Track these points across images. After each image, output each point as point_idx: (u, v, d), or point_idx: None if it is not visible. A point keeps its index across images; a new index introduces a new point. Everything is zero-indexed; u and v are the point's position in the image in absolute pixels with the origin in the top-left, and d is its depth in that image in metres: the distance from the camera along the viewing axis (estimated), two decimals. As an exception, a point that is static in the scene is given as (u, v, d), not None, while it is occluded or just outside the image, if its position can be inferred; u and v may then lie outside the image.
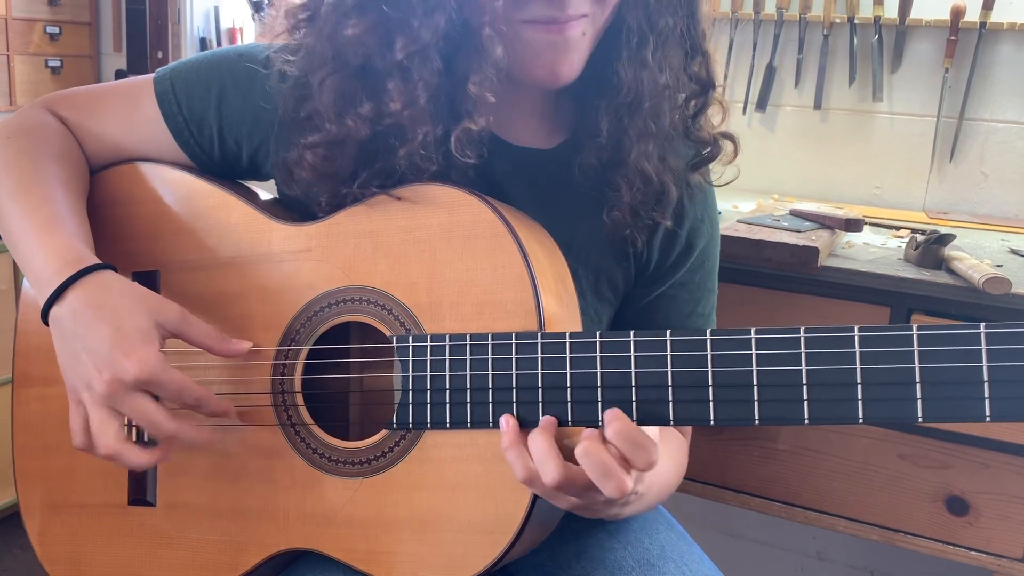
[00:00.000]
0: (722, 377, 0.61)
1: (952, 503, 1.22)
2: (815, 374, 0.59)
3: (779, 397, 0.60)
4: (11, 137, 0.85)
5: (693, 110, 0.84)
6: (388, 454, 0.74)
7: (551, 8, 0.71)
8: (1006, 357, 0.55)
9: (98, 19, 2.53)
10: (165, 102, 0.86)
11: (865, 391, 0.58)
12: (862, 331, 0.58)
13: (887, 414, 0.58)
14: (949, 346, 0.56)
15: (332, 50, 0.75)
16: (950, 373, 0.56)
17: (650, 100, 0.78)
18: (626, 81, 0.77)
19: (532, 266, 0.71)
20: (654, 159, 0.80)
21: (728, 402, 0.61)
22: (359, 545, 0.75)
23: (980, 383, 0.55)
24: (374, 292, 0.76)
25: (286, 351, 0.80)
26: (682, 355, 0.62)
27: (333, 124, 0.75)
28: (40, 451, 0.91)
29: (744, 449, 1.32)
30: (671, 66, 0.79)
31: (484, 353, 0.69)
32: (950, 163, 1.69)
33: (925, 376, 0.57)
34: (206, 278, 0.84)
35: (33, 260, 0.77)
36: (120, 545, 0.87)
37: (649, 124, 0.79)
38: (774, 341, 0.60)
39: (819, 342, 0.59)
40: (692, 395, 0.62)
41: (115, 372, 0.71)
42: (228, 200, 0.84)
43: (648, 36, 0.77)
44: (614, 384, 0.64)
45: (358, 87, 0.75)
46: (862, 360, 0.58)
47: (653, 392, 0.63)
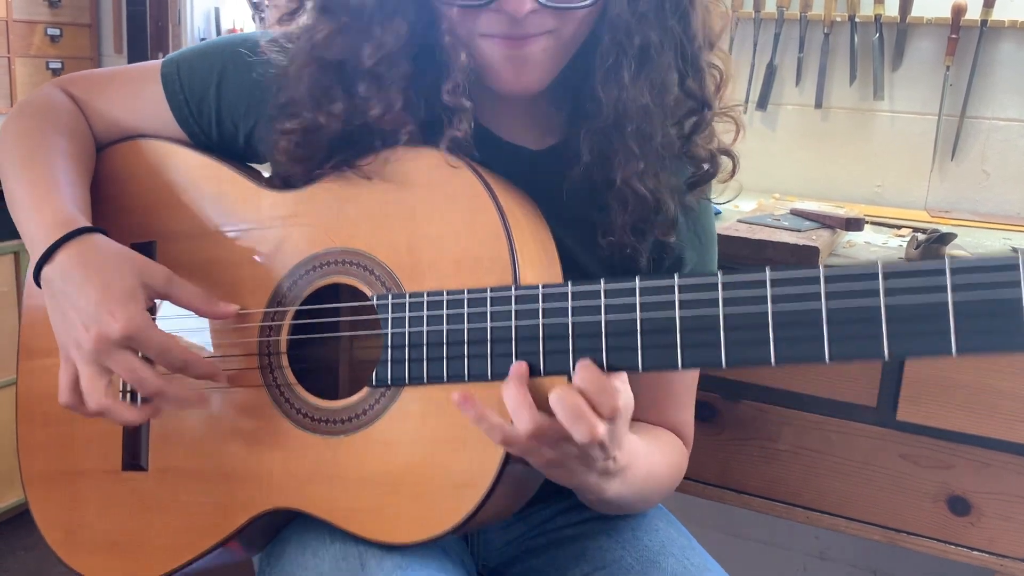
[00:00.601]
0: (689, 321, 0.62)
1: (954, 503, 1.21)
2: (780, 315, 0.59)
3: (745, 339, 0.60)
4: (24, 112, 0.91)
5: (688, 129, 0.80)
6: (369, 412, 0.76)
7: (504, 25, 0.71)
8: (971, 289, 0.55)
9: (99, 21, 2.53)
10: (169, 82, 0.90)
11: (830, 329, 0.58)
12: (827, 270, 0.59)
13: (853, 351, 0.58)
14: (914, 280, 0.56)
15: (310, 45, 0.77)
16: (915, 309, 0.56)
17: (633, 122, 0.76)
18: (605, 103, 0.76)
19: (508, 223, 0.72)
20: (649, 178, 0.78)
21: (695, 346, 0.62)
22: (340, 503, 0.76)
23: (945, 316, 0.55)
24: (357, 254, 0.78)
25: (273, 313, 0.81)
26: (650, 301, 0.63)
27: (309, 113, 0.78)
28: (41, 421, 0.94)
29: (745, 449, 1.32)
30: (657, 85, 0.76)
31: (460, 308, 0.70)
32: (951, 161, 1.69)
33: (891, 313, 0.57)
34: (198, 246, 0.87)
35: (29, 224, 0.80)
36: (114, 510, 0.89)
37: (633, 146, 0.77)
38: (739, 284, 0.61)
39: (785, 283, 0.59)
40: (660, 340, 0.63)
41: (101, 328, 0.72)
42: (220, 171, 0.87)
43: (626, 55, 0.74)
44: (585, 333, 0.65)
45: (333, 82, 0.76)
46: (827, 299, 0.58)
47: (622, 339, 0.64)
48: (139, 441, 0.89)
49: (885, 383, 1.22)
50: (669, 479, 0.87)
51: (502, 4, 0.70)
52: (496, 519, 0.77)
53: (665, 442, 0.88)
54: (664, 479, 0.86)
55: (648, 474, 0.80)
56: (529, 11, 0.70)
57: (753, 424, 1.30)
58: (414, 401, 0.74)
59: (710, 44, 0.80)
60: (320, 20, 0.76)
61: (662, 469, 0.84)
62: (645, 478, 0.79)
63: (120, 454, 0.89)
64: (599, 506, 0.83)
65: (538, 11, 0.70)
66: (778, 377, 1.28)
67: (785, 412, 1.29)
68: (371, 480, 0.75)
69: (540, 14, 0.71)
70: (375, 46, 0.73)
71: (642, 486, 0.79)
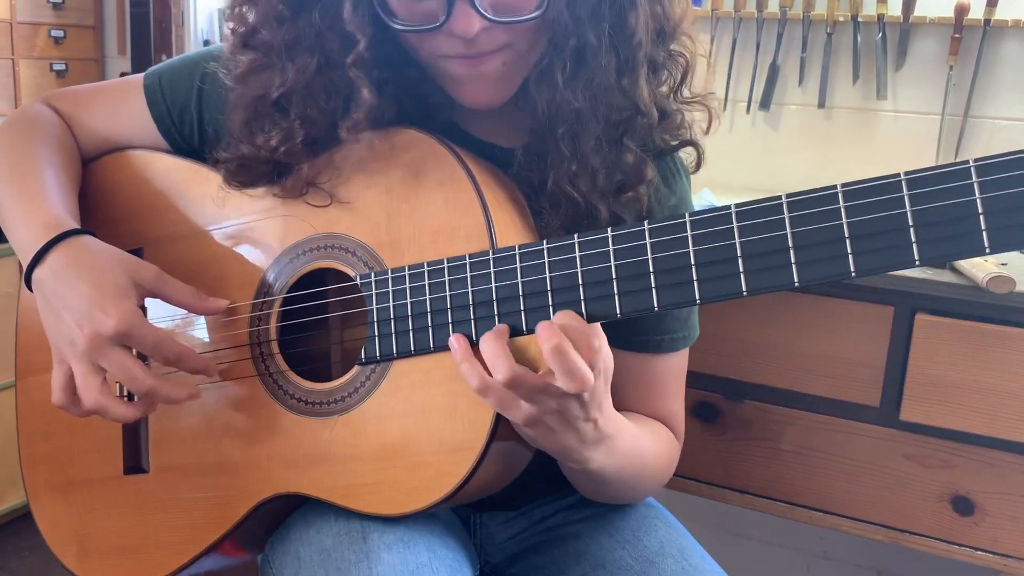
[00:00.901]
0: (661, 263, 0.64)
1: (958, 503, 1.21)
2: (748, 245, 0.61)
3: (716, 274, 0.62)
4: (11, 125, 0.93)
5: (620, 131, 0.77)
6: (360, 389, 0.77)
7: (460, 45, 0.72)
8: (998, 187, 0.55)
9: (102, 22, 2.54)
10: (151, 93, 0.92)
11: (797, 254, 0.59)
12: (789, 197, 0.60)
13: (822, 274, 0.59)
14: (873, 197, 0.58)
15: (234, 77, 0.80)
16: (876, 224, 0.57)
17: (566, 124, 0.75)
18: (538, 104, 0.76)
19: (481, 190, 0.73)
20: (582, 181, 0.76)
21: (668, 287, 0.64)
22: (340, 481, 0.77)
23: (906, 229, 0.56)
24: (338, 238, 0.79)
25: (261, 304, 0.83)
26: (623, 247, 0.65)
27: (243, 145, 0.80)
28: (42, 435, 0.95)
29: (747, 449, 1.32)
30: (593, 87, 0.74)
31: (440, 277, 0.72)
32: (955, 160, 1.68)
33: (853, 231, 0.58)
34: (184, 247, 0.88)
35: (19, 230, 0.81)
36: (119, 514, 0.89)
37: (564, 149, 0.75)
38: (706, 220, 0.62)
39: (749, 214, 0.61)
40: (635, 285, 0.65)
41: (94, 326, 0.73)
42: (200, 172, 0.89)
43: (559, 56, 0.73)
44: (562, 286, 0.67)
45: (254, 114, 0.79)
46: (791, 224, 0.60)
47: (599, 288, 0.66)
48: (139, 444, 0.89)
49: (888, 383, 1.22)
50: (659, 467, 0.87)
51: (452, 27, 0.71)
52: (490, 488, 0.78)
53: (654, 430, 0.88)
54: (654, 465, 0.86)
55: (636, 452, 0.80)
56: (479, 29, 0.71)
57: (756, 424, 1.30)
58: (404, 375, 0.75)
59: (667, 35, 0.78)
60: (240, 54, 0.79)
61: (651, 451, 0.84)
62: (632, 455, 0.79)
63: (121, 459, 0.90)
64: (586, 484, 0.83)
65: (489, 28, 0.71)
66: (781, 377, 1.28)
67: (788, 412, 1.29)
68: (368, 455, 0.76)
69: (492, 31, 0.72)
70: (281, 80, 0.76)
71: (628, 463, 0.79)
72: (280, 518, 0.85)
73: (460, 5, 0.70)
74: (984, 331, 1.15)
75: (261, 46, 0.77)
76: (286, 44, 0.75)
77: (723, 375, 1.31)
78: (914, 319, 1.18)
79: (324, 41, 0.74)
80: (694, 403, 1.32)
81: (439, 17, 0.71)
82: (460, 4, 0.70)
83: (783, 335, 1.27)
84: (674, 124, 0.81)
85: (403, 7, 0.73)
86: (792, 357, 1.27)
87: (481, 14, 0.70)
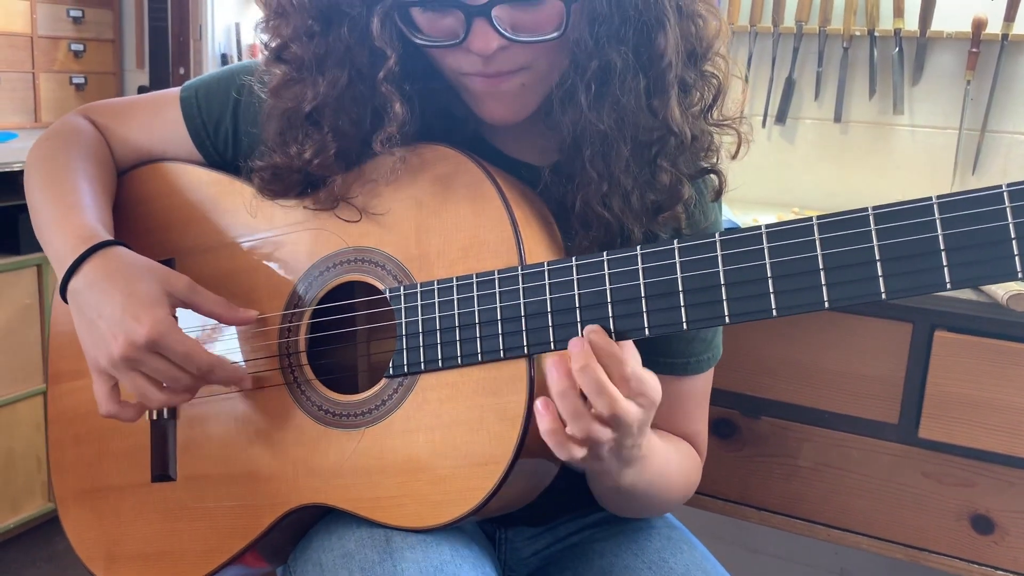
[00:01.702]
0: (691, 282, 0.64)
1: (977, 521, 1.20)
2: (778, 266, 0.61)
3: (746, 294, 0.62)
4: (49, 137, 0.94)
5: (653, 152, 0.76)
6: (388, 402, 0.77)
7: (478, 63, 0.73)
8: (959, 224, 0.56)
9: (121, 36, 2.56)
10: (187, 105, 0.93)
11: (828, 275, 0.60)
12: (820, 219, 0.60)
13: (852, 295, 0.60)
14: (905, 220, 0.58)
15: (267, 90, 0.81)
16: (908, 247, 0.58)
17: (593, 146, 0.74)
18: (564, 126, 0.75)
19: (511, 206, 0.74)
20: (614, 201, 0.76)
21: (698, 305, 0.64)
22: (365, 493, 0.77)
23: (937, 253, 0.57)
24: (369, 251, 0.80)
25: (290, 315, 0.83)
26: (652, 266, 0.66)
27: (276, 155, 0.81)
28: (71, 442, 0.96)
29: (765, 465, 1.31)
30: (619, 109, 0.73)
31: (469, 292, 0.73)
32: (973, 176, 1.67)
33: (884, 253, 0.58)
34: (215, 259, 0.89)
35: (54, 241, 0.83)
36: (146, 521, 0.90)
37: (591, 170, 0.75)
38: (737, 240, 0.63)
39: (780, 235, 0.61)
40: (664, 303, 0.65)
41: (128, 335, 0.74)
42: (232, 184, 0.90)
43: (582, 79, 0.73)
44: (591, 303, 0.68)
45: (288, 126, 0.80)
46: (822, 246, 0.60)
47: (627, 306, 0.66)
48: (167, 452, 0.90)
49: (907, 400, 1.21)
50: (684, 484, 0.87)
51: (470, 44, 0.71)
52: (516, 503, 0.78)
53: (680, 447, 0.89)
54: (679, 483, 0.86)
55: (662, 471, 0.80)
56: (497, 48, 0.71)
57: (773, 441, 1.30)
58: (431, 388, 0.75)
59: (698, 56, 0.77)
60: (273, 67, 0.80)
61: (677, 469, 0.84)
62: (662, 473, 0.80)
63: (148, 467, 0.91)
64: (613, 499, 0.84)
65: (508, 47, 0.72)
66: (799, 393, 1.28)
67: (806, 429, 1.28)
68: (393, 468, 0.76)
69: (510, 50, 0.72)
70: (313, 94, 0.77)
71: (658, 480, 0.80)
72: (305, 529, 0.85)
73: (479, 23, 0.70)
74: (1004, 349, 1.14)
75: (293, 60, 0.78)
76: (317, 58, 0.76)
77: (740, 391, 1.31)
78: (933, 336, 1.18)
79: (354, 56, 0.75)
80: (711, 419, 1.32)
81: (459, 34, 0.71)
82: (479, 22, 0.70)
83: (800, 351, 1.26)
84: (701, 147, 0.80)
85: (427, 22, 0.74)
86: (809, 373, 1.27)
87: (500, 32, 0.70)
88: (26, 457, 1.98)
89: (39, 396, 1.99)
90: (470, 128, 0.84)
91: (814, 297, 0.60)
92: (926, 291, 0.58)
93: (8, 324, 1.92)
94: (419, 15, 0.73)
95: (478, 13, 0.69)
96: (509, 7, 0.70)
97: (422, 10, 0.72)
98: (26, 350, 1.96)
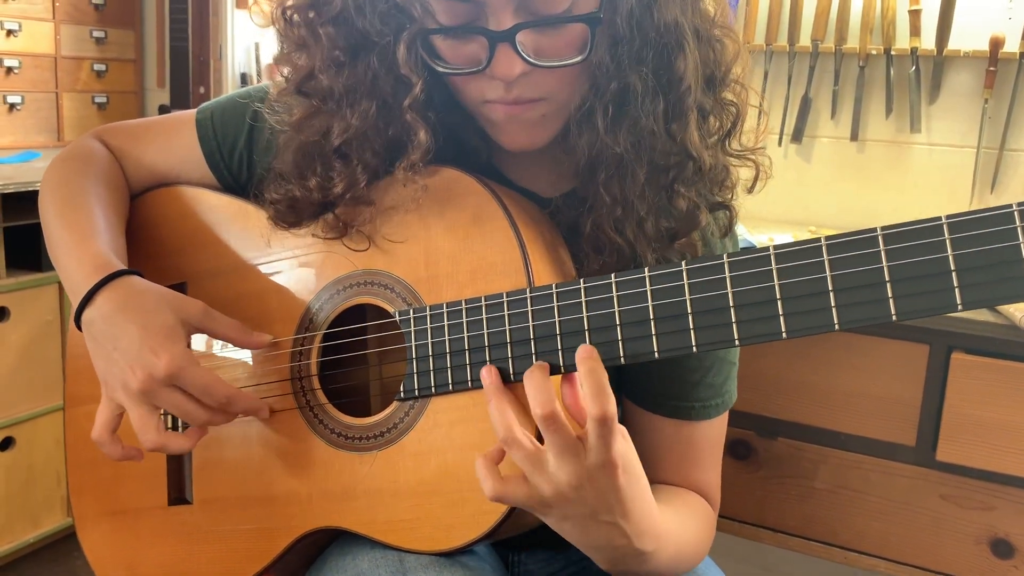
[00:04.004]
0: (700, 304, 0.64)
1: (997, 545, 1.19)
2: (787, 288, 0.61)
3: (755, 316, 0.62)
4: (65, 160, 0.94)
5: (671, 177, 0.75)
6: (399, 425, 0.77)
7: (500, 90, 0.73)
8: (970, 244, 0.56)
9: (143, 56, 2.60)
10: (202, 128, 0.93)
11: (837, 297, 0.59)
12: (828, 240, 0.60)
13: (861, 316, 0.59)
14: (914, 241, 0.57)
15: (289, 123, 0.80)
16: (918, 268, 0.57)
17: (608, 170, 0.74)
18: (579, 149, 0.74)
19: (518, 227, 0.74)
20: (628, 227, 0.75)
21: (707, 328, 0.63)
22: (378, 516, 0.78)
23: (948, 273, 0.56)
24: (377, 274, 0.80)
25: (302, 338, 0.84)
26: (661, 287, 0.65)
27: (294, 187, 0.80)
28: (89, 464, 0.96)
29: (781, 487, 1.30)
30: (636, 133, 0.72)
31: (479, 315, 0.73)
32: (991, 194, 1.67)
33: (895, 275, 0.58)
34: (226, 283, 0.90)
35: (69, 268, 0.83)
36: (163, 545, 0.91)
37: (605, 194, 0.74)
38: (745, 262, 0.62)
39: (788, 256, 0.61)
40: (673, 325, 0.65)
41: (147, 369, 0.74)
42: (243, 208, 0.90)
43: (600, 101, 0.72)
44: (600, 326, 0.67)
45: (309, 159, 0.79)
46: (831, 267, 0.60)
47: (636, 328, 0.66)
48: (183, 475, 0.91)
49: (924, 422, 1.20)
50: (700, 551, 0.85)
51: (493, 70, 0.71)
52: (529, 526, 0.77)
53: (694, 509, 0.85)
54: (696, 551, 0.83)
55: (677, 552, 0.77)
56: (520, 73, 0.71)
57: (790, 462, 1.29)
58: (442, 411, 0.75)
59: (716, 82, 0.76)
60: (296, 101, 0.79)
61: (694, 539, 0.81)
62: (677, 555, 0.76)
63: (165, 490, 0.91)
64: None
65: (530, 73, 0.71)
66: (815, 414, 1.27)
67: (822, 450, 1.27)
68: (406, 491, 0.76)
69: (532, 76, 0.72)
70: (343, 127, 0.76)
71: (674, 564, 0.77)
72: (319, 551, 0.85)
73: (502, 48, 0.70)
74: (1022, 371, 1.13)
75: (317, 92, 0.77)
76: (346, 89, 0.76)
77: (756, 412, 1.30)
78: (950, 358, 1.17)
79: (380, 85, 0.75)
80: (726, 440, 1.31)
81: (482, 60, 0.71)
82: (502, 47, 0.70)
83: (816, 372, 1.26)
84: (718, 178, 0.78)
85: (449, 50, 0.73)
86: (826, 394, 1.26)
87: (523, 58, 0.70)
88: (46, 473, 2.00)
89: (59, 412, 2.01)
90: (483, 158, 0.84)
91: (824, 319, 0.60)
92: (937, 312, 0.57)
93: (30, 340, 1.94)
94: (441, 42, 0.74)
95: (502, 39, 0.69)
96: (533, 32, 0.70)
97: (444, 37, 0.73)
98: (47, 366, 1.98)
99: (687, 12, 0.73)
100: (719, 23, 0.76)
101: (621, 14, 0.71)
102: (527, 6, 0.69)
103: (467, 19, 0.71)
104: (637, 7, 0.71)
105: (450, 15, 0.71)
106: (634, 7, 0.71)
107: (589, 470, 0.64)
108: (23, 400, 1.94)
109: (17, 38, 2.26)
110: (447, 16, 0.71)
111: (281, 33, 0.79)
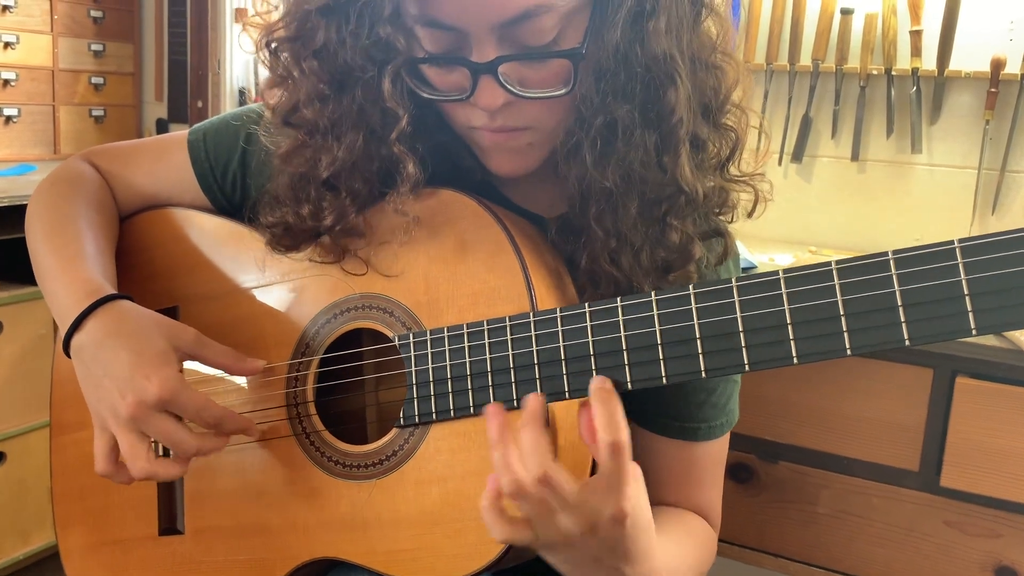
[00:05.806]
0: (708, 328, 0.62)
1: (1002, 573, 1.17)
2: (798, 312, 0.60)
3: (765, 340, 0.61)
4: (53, 184, 0.93)
5: (663, 210, 0.74)
6: (399, 452, 0.76)
7: (485, 118, 0.72)
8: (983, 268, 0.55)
9: (141, 70, 2.59)
10: (194, 149, 0.92)
11: (848, 322, 0.58)
12: (839, 264, 0.59)
13: (874, 341, 0.58)
14: (927, 265, 0.56)
15: (277, 153, 0.79)
16: (931, 292, 0.56)
17: (598, 203, 0.73)
18: (570, 181, 0.74)
19: (520, 251, 0.72)
20: (624, 258, 0.74)
21: (716, 352, 0.62)
22: (378, 547, 0.76)
23: (961, 298, 0.55)
24: (376, 297, 0.79)
25: (298, 364, 0.82)
26: (668, 312, 0.64)
27: (288, 212, 0.79)
28: (77, 494, 0.94)
29: (783, 512, 1.29)
30: (626, 165, 0.71)
31: (480, 339, 0.71)
32: (992, 216, 1.66)
33: (907, 299, 0.57)
34: (220, 306, 0.88)
35: (57, 293, 0.81)
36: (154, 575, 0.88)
37: (597, 228, 0.73)
38: (754, 286, 0.61)
39: (798, 280, 0.60)
40: (681, 350, 0.63)
41: (138, 395, 0.72)
42: (237, 230, 0.89)
43: (587, 135, 0.71)
44: (606, 351, 0.66)
45: (300, 187, 0.78)
46: (842, 292, 0.58)
47: (643, 353, 0.64)
48: (174, 505, 0.88)
49: (928, 447, 1.19)
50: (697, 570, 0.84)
51: (477, 100, 0.70)
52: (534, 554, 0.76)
53: (694, 534, 0.84)
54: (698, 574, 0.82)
55: None
56: (503, 103, 0.70)
57: (792, 486, 1.27)
58: (442, 438, 0.73)
59: (713, 110, 0.75)
60: (283, 132, 0.78)
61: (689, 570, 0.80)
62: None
63: (156, 520, 0.89)
64: None
65: (514, 102, 0.71)
66: (817, 438, 1.26)
67: (825, 475, 1.26)
68: (407, 521, 0.74)
69: (516, 106, 0.71)
70: (330, 159, 0.75)
71: None
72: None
73: (485, 79, 0.69)
74: (1028, 396, 1.12)
75: (303, 124, 0.76)
76: (331, 122, 0.75)
77: (758, 435, 1.29)
78: (954, 382, 1.16)
79: (367, 117, 0.74)
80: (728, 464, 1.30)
81: (466, 89, 0.71)
82: (485, 78, 0.69)
83: (819, 395, 1.25)
84: (714, 205, 0.77)
85: (436, 76, 0.73)
86: (828, 418, 1.25)
87: (506, 89, 0.69)
88: (37, 488, 1.98)
89: (51, 428, 1.99)
90: (478, 177, 0.83)
91: (835, 344, 0.59)
92: (951, 337, 0.56)
93: (22, 354, 1.92)
94: (428, 69, 0.73)
95: (485, 71, 0.69)
96: (517, 64, 0.69)
97: (430, 65, 0.72)
98: (39, 380, 1.96)
99: (682, 42, 0.71)
100: (720, 48, 0.75)
101: (607, 48, 0.69)
102: (511, 36, 0.68)
103: (451, 47, 0.70)
104: (623, 41, 0.69)
105: (434, 43, 0.70)
106: (619, 42, 0.69)
107: (598, 520, 0.63)
108: (15, 415, 1.92)
109: (15, 50, 2.25)
110: (431, 44, 0.70)
111: (265, 65, 0.79)
